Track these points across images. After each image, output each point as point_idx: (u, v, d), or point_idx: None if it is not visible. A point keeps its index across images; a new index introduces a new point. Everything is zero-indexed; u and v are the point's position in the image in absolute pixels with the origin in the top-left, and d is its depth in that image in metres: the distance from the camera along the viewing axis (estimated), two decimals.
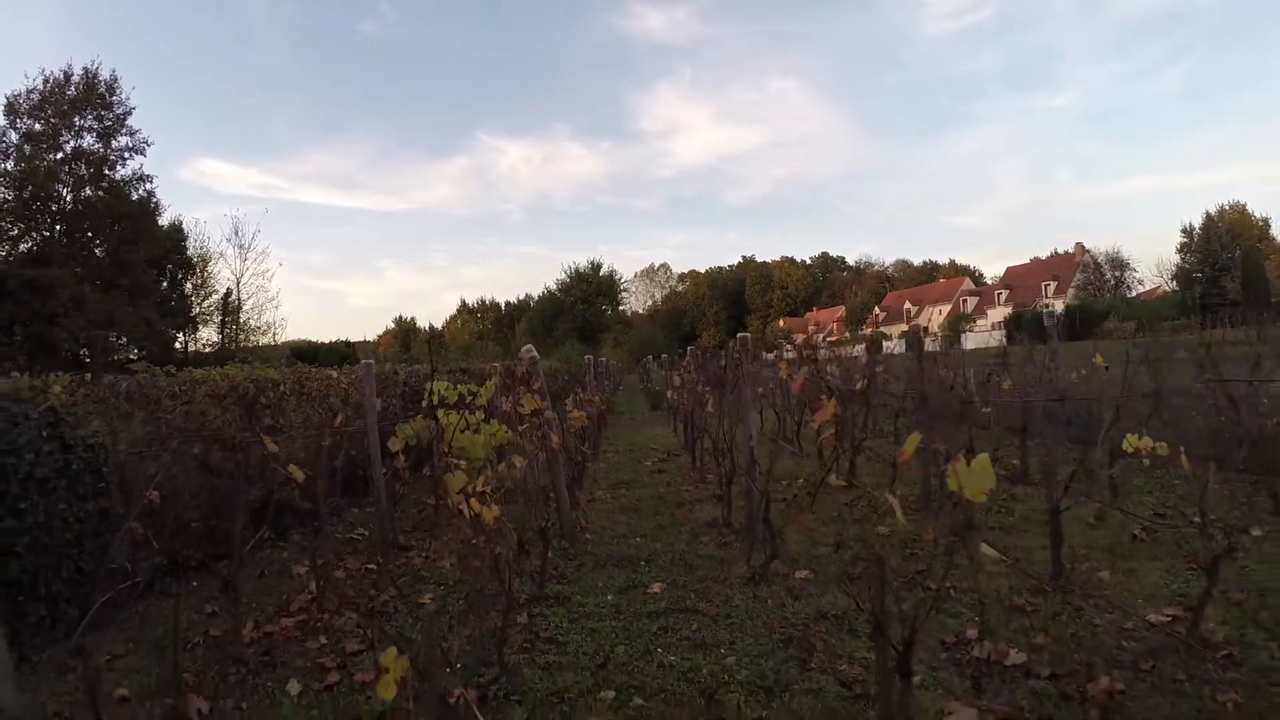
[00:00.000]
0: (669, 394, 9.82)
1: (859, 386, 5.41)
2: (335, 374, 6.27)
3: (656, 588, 3.50)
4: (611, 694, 2.45)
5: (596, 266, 69.04)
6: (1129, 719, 2.32)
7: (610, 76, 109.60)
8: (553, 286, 70.48)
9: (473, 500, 2.57)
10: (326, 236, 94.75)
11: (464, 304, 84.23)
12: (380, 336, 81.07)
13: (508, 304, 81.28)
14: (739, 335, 4.10)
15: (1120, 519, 4.35)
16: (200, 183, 68.28)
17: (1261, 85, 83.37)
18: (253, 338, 40.09)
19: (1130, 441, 2.93)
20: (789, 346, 11.84)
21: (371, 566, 4.33)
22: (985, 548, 1.72)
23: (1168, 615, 3.12)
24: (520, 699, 2.44)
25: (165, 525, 4.10)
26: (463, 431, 3.08)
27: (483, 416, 3.18)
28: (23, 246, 31.83)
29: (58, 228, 32.95)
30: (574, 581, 3.69)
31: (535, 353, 4.13)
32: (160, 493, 4.22)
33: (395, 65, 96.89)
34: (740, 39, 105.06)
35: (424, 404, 4.01)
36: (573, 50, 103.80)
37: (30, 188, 30.97)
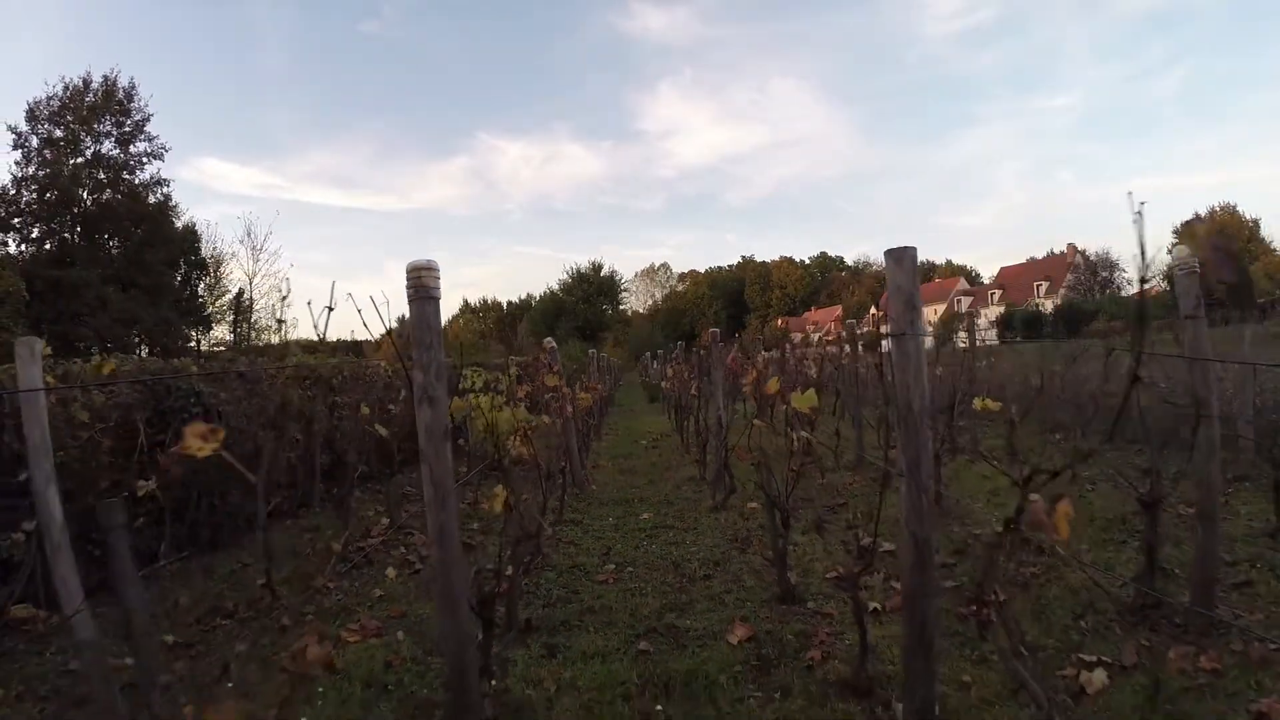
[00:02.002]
0: (663, 384, 11.04)
1: (815, 374, 6.63)
2: (384, 364, 7.51)
3: (645, 515, 4.74)
4: (612, 566, 3.68)
5: (598, 267, 70.31)
6: (954, 577, 3.54)
7: (611, 77, 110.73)
8: (554, 286, 71.81)
9: (517, 439, 3.78)
10: (327, 235, 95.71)
11: (466, 303, 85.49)
12: (384, 335, 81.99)
13: (509, 303, 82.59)
14: (710, 330, 5.32)
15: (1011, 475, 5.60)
16: (200, 181, 69.34)
17: (1261, 86, 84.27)
18: (263, 336, 41.33)
19: (978, 402, 4.14)
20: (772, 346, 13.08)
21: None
22: (763, 423, 2.93)
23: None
24: (551, 569, 3.67)
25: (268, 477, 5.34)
26: (489, 411, 4.28)
27: (505, 400, 4.38)
28: (43, 248, 33.12)
29: (77, 229, 34.21)
30: (584, 513, 4.93)
31: (555, 344, 5.37)
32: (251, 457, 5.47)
33: (395, 65, 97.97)
34: (741, 39, 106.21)
35: (460, 387, 5.24)
36: (573, 50, 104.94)
37: (55, 192, 32.23)
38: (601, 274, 70.35)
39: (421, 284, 1.71)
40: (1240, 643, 2.79)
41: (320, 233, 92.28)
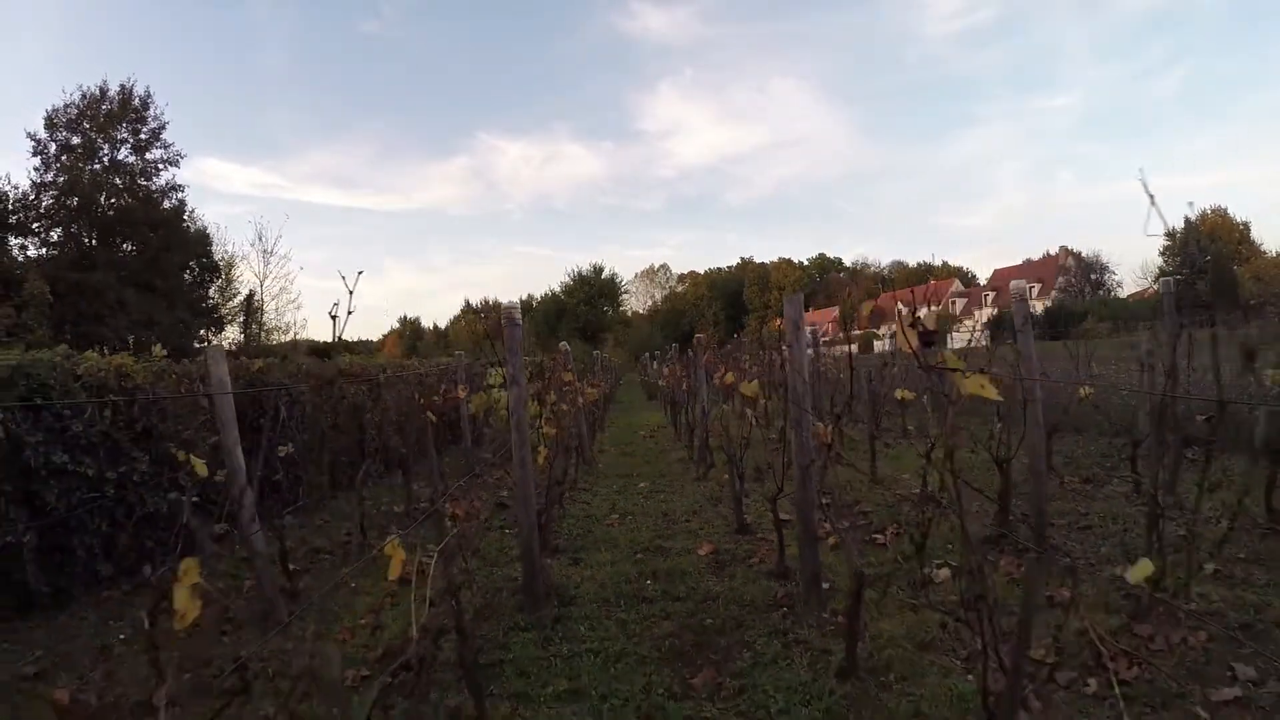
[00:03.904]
0: (661, 382, 12.25)
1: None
2: (414, 363, 8.76)
3: (643, 485, 5.98)
4: (616, 515, 4.91)
5: (599, 270, 71.51)
6: (872, 523, 4.77)
7: (611, 77, 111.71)
8: (556, 288, 73.03)
9: (544, 422, 5.01)
10: (328, 235, 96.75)
11: (468, 304, 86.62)
12: (385, 336, 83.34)
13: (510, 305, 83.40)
14: (696, 336, 6.54)
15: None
16: (201, 181, 70.59)
17: (1261, 86, 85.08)
18: (272, 337, 42.50)
19: (899, 392, 5.38)
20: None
21: (460, 484, 6.79)
22: (730, 408, 4.16)
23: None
24: (570, 518, 4.91)
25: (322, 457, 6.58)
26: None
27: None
28: (63, 251, 34.37)
29: (94, 233, 35.44)
30: (593, 483, 6.16)
31: (568, 346, 6.60)
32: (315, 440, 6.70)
33: (395, 65, 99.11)
34: (741, 39, 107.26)
35: (485, 384, 6.48)
36: (573, 50, 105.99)
37: (74, 197, 33.49)
38: (602, 276, 71.52)
39: (509, 316, 2.92)
40: (1058, 561, 4.03)
41: (321, 232, 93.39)
